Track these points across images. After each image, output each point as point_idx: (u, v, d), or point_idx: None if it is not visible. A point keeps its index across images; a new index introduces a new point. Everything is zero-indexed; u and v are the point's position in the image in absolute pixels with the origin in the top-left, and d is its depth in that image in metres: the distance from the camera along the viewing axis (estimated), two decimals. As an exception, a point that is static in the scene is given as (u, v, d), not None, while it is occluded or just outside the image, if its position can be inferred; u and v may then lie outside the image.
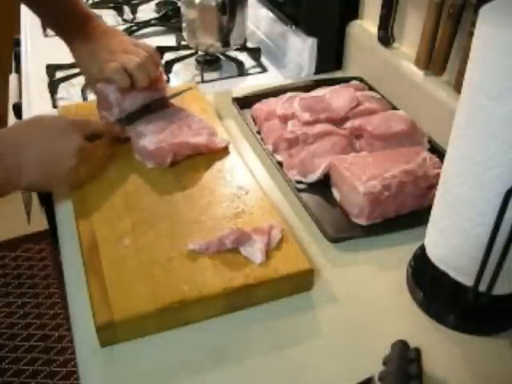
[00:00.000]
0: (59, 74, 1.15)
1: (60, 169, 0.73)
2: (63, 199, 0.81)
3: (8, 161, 0.69)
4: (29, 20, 1.43)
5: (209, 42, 1.15)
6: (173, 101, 0.95)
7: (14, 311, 1.87)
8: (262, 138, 0.93)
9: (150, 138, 0.84)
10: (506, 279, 0.58)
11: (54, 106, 1.05)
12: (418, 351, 0.58)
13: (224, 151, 0.86)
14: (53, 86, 1.10)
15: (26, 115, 1.05)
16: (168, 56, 1.21)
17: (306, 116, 0.89)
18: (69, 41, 0.92)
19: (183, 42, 1.25)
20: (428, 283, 0.67)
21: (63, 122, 0.76)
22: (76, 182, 0.79)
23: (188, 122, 0.89)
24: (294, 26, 1.13)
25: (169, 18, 1.39)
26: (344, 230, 0.76)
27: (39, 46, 1.29)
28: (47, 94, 1.09)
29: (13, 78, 1.28)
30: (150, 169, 0.83)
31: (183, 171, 0.83)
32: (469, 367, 0.60)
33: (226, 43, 1.14)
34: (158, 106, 0.92)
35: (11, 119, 1.16)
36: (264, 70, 1.20)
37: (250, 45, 1.27)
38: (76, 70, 1.17)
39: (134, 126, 0.87)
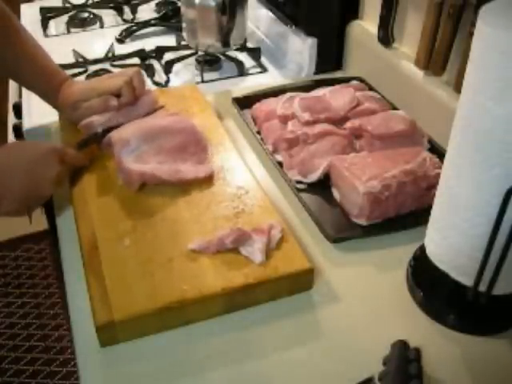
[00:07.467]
0: (59, 74, 1.14)
1: (39, 194, 0.75)
2: (63, 200, 0.81)
3: None
4: (29, 20, 1.43)
5: (209, 42, 1.15)
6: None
7: (13, 311, 1.87)
8: (261, 138, 0.93)
9: (129, 149, 0.80)
10: (505, 279, 0.58)
11: (54, 106, 1.05)
12: (418, 351, 0.58)
13: (209, 179, 0.80)
14: (53, 86, 1.10)
15: (25, 115, 1.05)
16: (168, 56, 1.21)
17: (306, 116, 0.89)
18: (52, 100, 0.92)
19: (183, 42, 1.25)
20: (428, 283, 0.67)
21: (43, 149, 0.76)
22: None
23: (180, 139, 0.83)
24: (293, 26, 1.13)
25: (169, 18, 1.40)
26: (344, 230, 0.76)
27: (39, 46, 1.29)
28: (47, 94, 1.08)
29: (13, 77, 1.28)
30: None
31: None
32: (469, 367, 0.60)
33: (226, 43, 1.14)
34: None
35: (11, 119, 1.15)
36: (264, 70, 1.20)
37: (249, 45, 1.27)
38: (76, 70, 1.17)
39: (118, 130, 0.83)
